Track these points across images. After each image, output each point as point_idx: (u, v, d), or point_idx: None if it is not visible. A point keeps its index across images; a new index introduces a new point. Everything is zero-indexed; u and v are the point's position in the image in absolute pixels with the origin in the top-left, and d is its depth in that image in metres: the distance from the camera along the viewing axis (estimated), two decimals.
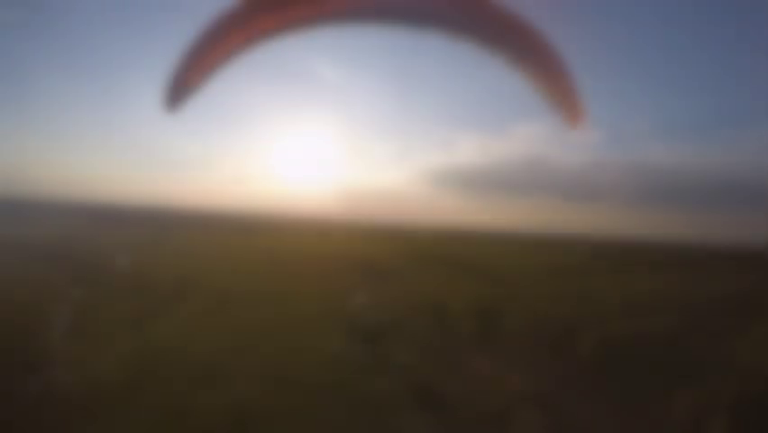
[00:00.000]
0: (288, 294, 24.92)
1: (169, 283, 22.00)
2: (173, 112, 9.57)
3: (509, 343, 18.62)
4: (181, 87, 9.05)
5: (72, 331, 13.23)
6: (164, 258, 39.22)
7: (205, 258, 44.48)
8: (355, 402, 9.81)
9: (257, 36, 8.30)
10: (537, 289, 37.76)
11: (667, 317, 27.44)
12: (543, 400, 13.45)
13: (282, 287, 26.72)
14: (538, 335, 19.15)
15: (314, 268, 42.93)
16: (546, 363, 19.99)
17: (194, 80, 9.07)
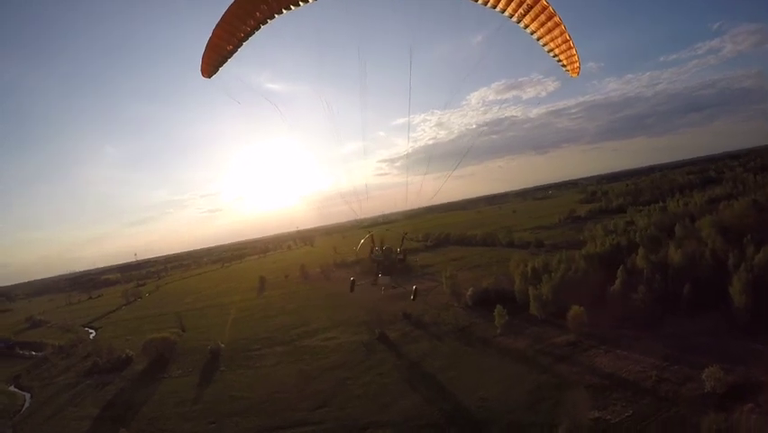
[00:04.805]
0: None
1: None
2: (209, 75, 11.85)
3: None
4: (217, 53, 11.28)
5: None
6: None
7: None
8: None
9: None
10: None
11: None
12: None
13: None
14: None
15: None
16: None
17: (228, 48, 11.31)
